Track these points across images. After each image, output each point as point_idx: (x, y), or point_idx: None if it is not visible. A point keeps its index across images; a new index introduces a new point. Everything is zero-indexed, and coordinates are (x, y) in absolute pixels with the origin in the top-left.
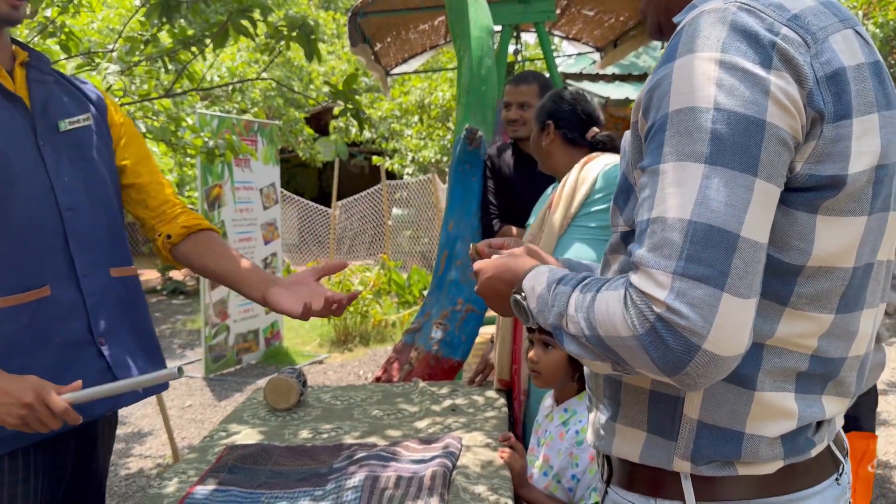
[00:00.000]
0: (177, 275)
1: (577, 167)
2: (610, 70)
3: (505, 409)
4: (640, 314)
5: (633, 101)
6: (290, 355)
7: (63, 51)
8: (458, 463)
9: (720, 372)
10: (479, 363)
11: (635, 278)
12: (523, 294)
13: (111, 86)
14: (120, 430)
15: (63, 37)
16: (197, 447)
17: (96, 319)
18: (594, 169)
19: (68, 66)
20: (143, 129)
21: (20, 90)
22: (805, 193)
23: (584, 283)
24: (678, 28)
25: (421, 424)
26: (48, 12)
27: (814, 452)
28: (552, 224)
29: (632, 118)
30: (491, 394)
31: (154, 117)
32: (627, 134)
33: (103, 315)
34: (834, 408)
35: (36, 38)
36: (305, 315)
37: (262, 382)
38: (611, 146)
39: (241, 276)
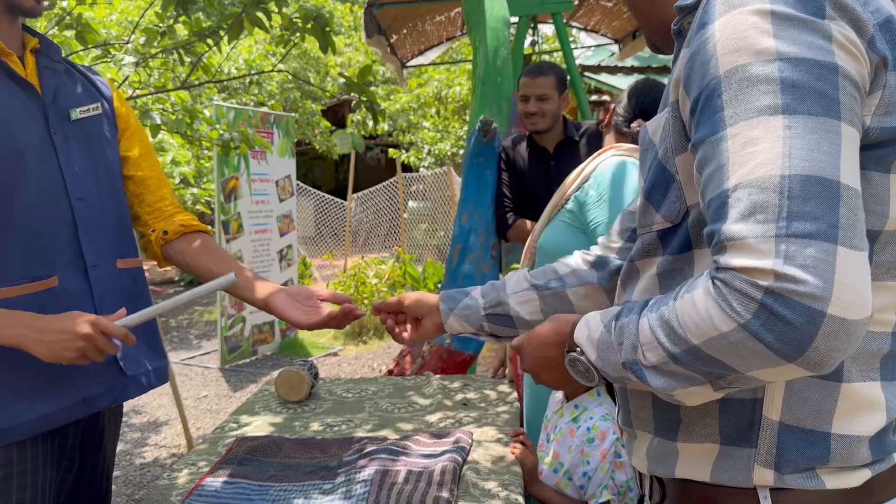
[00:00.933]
0: None
1: (595, 154)
2: (629, 62)
3: (517, 405)
4: (741, 296)
5: None
6: (304, 347)
7: (80, 42)
8: (469, 458)
9: (851, 341)
10: (499, 354)
11: (726, 258)
12: (579, 349)
13: (128, 77)
14: (136, 420)
15: (80, 28)
16: (208, 438)
17: (103, 310)
18: (599, 158)
19: (85, 58)
20: (159, 121)
21: (31, 77)
22: (877, 150)
23: (648, 304)
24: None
25: (432, 418)
26: (65, 3)
27: None
28: (549, 204)
29: (670, 98)
30: (503, 388)
31: (170, 110)
32: (653, 123)
33: (110, 306)
34: None
35: (54, 30)
36: (310, 325)
37: (276, 374)
38: None
39: (240, 278)
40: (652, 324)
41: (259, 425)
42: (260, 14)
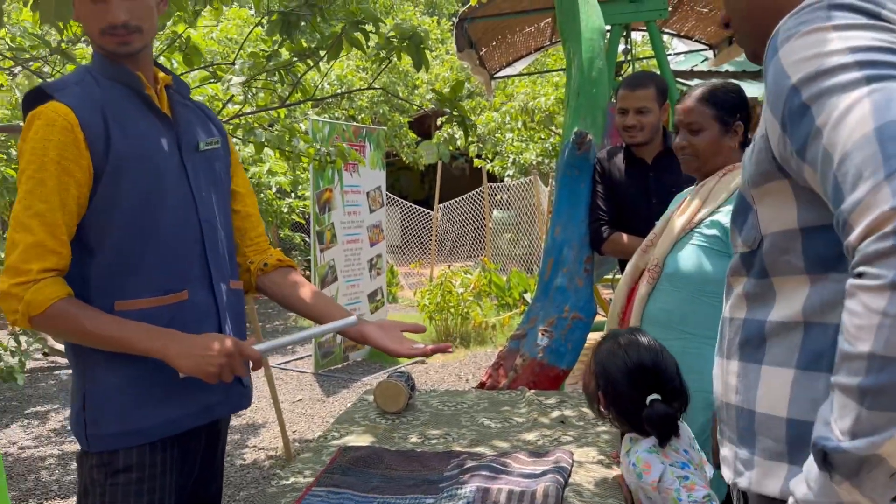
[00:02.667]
0: None
1: (719, 174)
2: (723, 67)
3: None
4: (878, 258)
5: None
6: None
7: (186, 64)
8: (571, 480)
9: None
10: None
11: (854, 235)
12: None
13: (233, 96)
14: (235, 422)
15: (188, 51)
16: (311, 447)
17: (225, 325)
18: (736, 179)
19: (188, 78)
20: (263, 139)
21: (165, 109)
22: None
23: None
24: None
25: (529, 436)
26: (169, 22)
27: None
28: (673, 226)
29: (757, 133)
30: None
31: (270, 128)
32: (748, 149)
33: (230, 322)
34: None
35: (165, 52)
36: (403, 354)
37: (367, 379)
38: None
39: (330, 311)
40: (834, 382)
41: (360, 436)
42: (358, 35)
